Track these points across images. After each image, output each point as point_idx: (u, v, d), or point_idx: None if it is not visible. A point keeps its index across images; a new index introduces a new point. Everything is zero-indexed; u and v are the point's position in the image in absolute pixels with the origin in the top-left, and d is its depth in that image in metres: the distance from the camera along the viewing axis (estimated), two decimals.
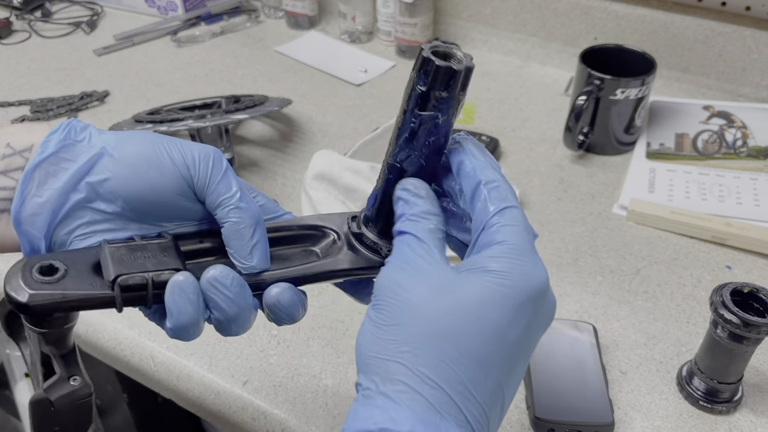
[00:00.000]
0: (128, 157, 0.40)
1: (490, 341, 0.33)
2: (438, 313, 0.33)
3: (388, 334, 0.33)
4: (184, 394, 0.63)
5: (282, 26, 1.26)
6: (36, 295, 0.35)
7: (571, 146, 0.88)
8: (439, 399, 0.32)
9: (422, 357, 0.32)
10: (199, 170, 0.40)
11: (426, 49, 0.36)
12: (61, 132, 0.40)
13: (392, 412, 0.31)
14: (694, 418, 0.59)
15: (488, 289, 0.33)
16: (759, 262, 0.74)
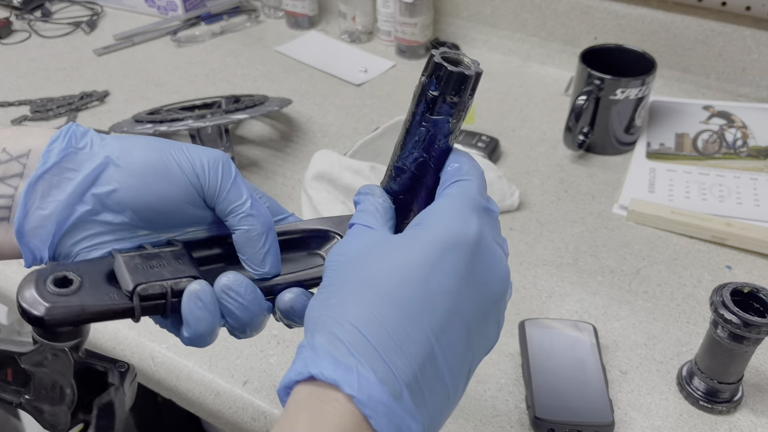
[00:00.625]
0: (135, 167, 0.39)
1: (412, 285, 0.33)
2: (365, 265, 0.34)
3: (325, 294, 0.34)
4: (184, 394, 0.63)
5: (282, 26, 1.26)
6: (53, 309, 0.34)
7: (571, 146, 0.88)
8: (355, 341, 0.32)
9: (347, 307, 0.33)
10: (209, 178, 0.40)
11: (437, 54, 0.37)
12: (62, 140, 0.39)
13: (311, 360, 0.32)
14: (694, 418, 0.59)
15: (412, 237, 0.35)
16: (759, 262, 0.74)
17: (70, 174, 0.38)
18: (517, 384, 0.61)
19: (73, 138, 0.39)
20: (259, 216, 0.40)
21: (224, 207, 0.40)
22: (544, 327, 0.64)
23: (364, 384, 0.31)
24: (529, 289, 0.71)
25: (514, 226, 0.79)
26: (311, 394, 0.31)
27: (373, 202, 0.39)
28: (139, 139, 0.41)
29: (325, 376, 0.31)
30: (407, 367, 0.32)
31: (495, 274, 0.36)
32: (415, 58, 1.14)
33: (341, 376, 0.31)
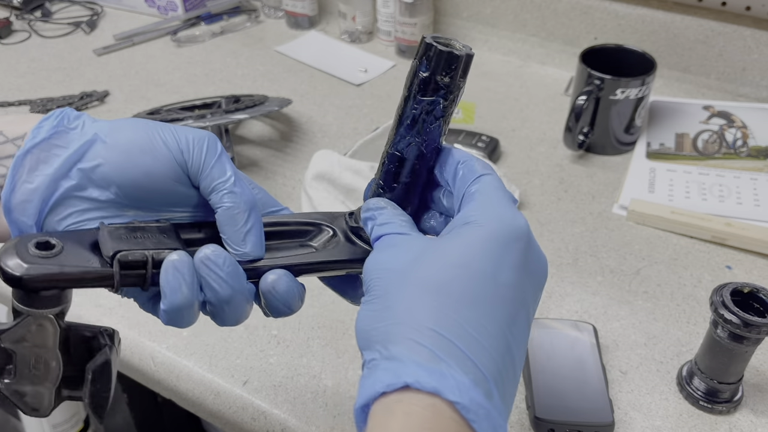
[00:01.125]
0: (121, 143, 0.39)
1: (481, 282, 0.33)
2: (424, 271, 0.34)
3: (381, 305, 0.34)
4: (184, 394, 0.63)
5: (282, 26, 1.26)
6: (32, 269, 0.34)
7: (571, 146, 0.88)
8: (440, 345, 0.31)
9: (418, 313, 0.33)
10: (193, 154, 0.40)
11: (428, 36, 0.37)
12: (53, 119, 0.39)
13: (396, 369, 0.31)
14: (694, 418, 0.59)
15: (468, 236, 0.35)
16: (759, 262, 0.74)
17: (59, 150, 0.39)
18: None
19: (65, 119, 0.39)
20: (241, 194, 0.40)
21: (207, 184, 0.40)
22: (544, 327, 0.64)
23: (463, 389, 0.30)
24: None
25: None
26: (406, 403, 0.30)
27: (393, 213, 0.39)
28: (129, 119, 0.41)
29: (423, 384, 0.30)
30: (492, 364, 0.32)
31: (541, 261, 0.37)
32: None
33: (440, 383, 0.30)
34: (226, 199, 0.40)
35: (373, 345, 0.33)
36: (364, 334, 0.34)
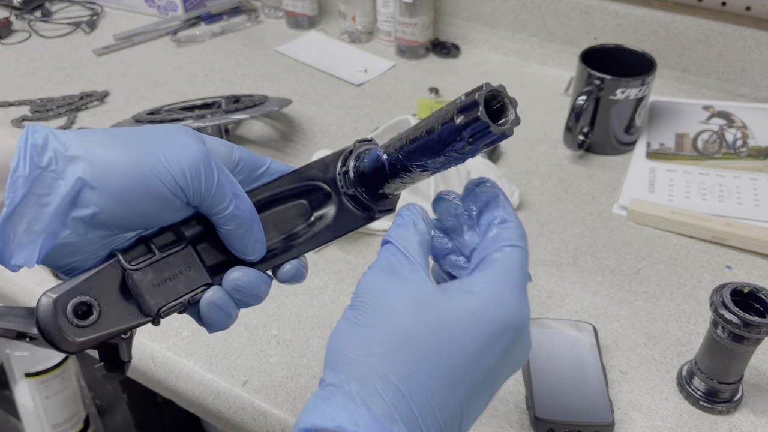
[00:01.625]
0: (114, 190, 0.36)
1: (462, 361, 0.33)
2: (416, 324, 0.34)
3: (364, 335, 0.34)
4: (184, 394, 0.63)
5: (282, 26, 1.26)
6: (84, 343, 0.36)
7: (571, 146, 0.88)
8: (400, 407, 0.32)
9: (393, 364, 0.33)
10: (192, 187, 0.39)
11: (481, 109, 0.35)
12: (24, 164, 0.35)
13: (352, 412, 0.31)
14: (694, 418, 0.59)
15: (469, 310, 0.34)
16: (759, 262, 0.74)
17: (44, 199, 0.35)
18: (517, 384, 0.61)
19: (34, 156, 0.35)
20: (242, 214, 0.40)
21: (208, 209, 0.40)
22: (544, 327, 0.64)
23: None
24: (529, 289, 0.71)
25: None
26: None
27: (416, 224, 0.39)
28: (108, 148, 0.37)
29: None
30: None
31: (525, 350, 0.37)
32: (415, 58, 1.14)
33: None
34: (229, 223, 0.40)
35: (338, 371, 0.33)
36: (335, 354, 0.34)
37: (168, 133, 0.39)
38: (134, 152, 0.37)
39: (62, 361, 1.04)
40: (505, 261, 0.36)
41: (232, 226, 0.40)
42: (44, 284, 0.72)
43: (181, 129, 0.40)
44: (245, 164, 0.43)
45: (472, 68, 1.12)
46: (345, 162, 0.44)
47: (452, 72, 1.11)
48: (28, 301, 0.72)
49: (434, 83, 1.08)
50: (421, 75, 1.10)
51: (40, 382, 1.04)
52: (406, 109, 1.01)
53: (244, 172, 0.43)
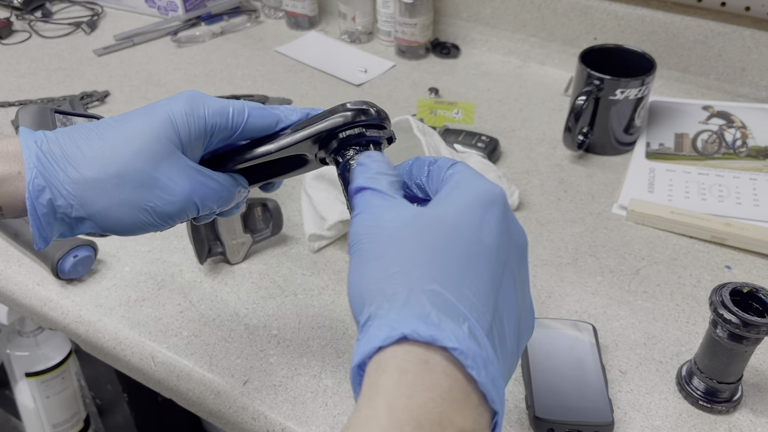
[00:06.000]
0: (117, 233, 0.45)
1: (468, 243, 0.35)
2: (417, 235, 0.35)
3: (375, 266, 0.35)
4: (185, 393, 0.63)
5: (282, 26, 1.26)
6: None
7: (571, 146, 0.89)
8: (435, 300, 0.32)
9: (412, 271, 0.33)
10: (182, 221, 0.46)
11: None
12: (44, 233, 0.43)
13: (392, 323, 0.32)
14: (693, 417, 0.59)
15: (453, 203, 0.37)
16: (758, 262, 0.74)
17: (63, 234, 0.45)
18: (516, 384, 0.61)
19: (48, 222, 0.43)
20: (229, 205, 0.48)
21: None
22: (544, 327, 0.64)
23: (460, 337, 0.31)
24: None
25: None
26: (401, 359, 0.31)
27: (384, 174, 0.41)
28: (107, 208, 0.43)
29: (420, 333, 0.31)
30: (484, 320, 0.33)
31: (519, 229, 0.39)
32: (415, 58, 1.14)
33: (437, 332, 0.31)
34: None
35: (367, 305, 0.34)
36: (358, 294, 0.35)
37: (155, 178, 0.43)
38: (130, 212, 0.43)
39: (62, 361, 1.04)
40: (458, 171, 0.39)
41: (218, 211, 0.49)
42: (44, 284, 0.72)
43: (167, 157, 0.43)
44: (219, 133, 0.46)
45: (472, 68, 1.12)
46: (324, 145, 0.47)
47: (452, 72, 1.11)
48: (27, 300, 0.72)
49: (434, 83, 1.08)
50: (420, 75, 1.10)
51: (41, 381, 1.04)
52: (406, 110, 1.01)
53: (217, 139, 0.47)
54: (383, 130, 0.46)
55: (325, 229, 0.74)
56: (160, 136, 0.43)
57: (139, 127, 0.43)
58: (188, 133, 0.44)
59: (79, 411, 1.12)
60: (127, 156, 0.42)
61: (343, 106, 0.45)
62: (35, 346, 1.03)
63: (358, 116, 0.45)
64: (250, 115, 0.46)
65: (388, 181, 0.40)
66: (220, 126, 0.46)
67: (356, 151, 0.45)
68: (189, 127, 0.44)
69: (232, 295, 0.70)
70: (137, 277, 0.72)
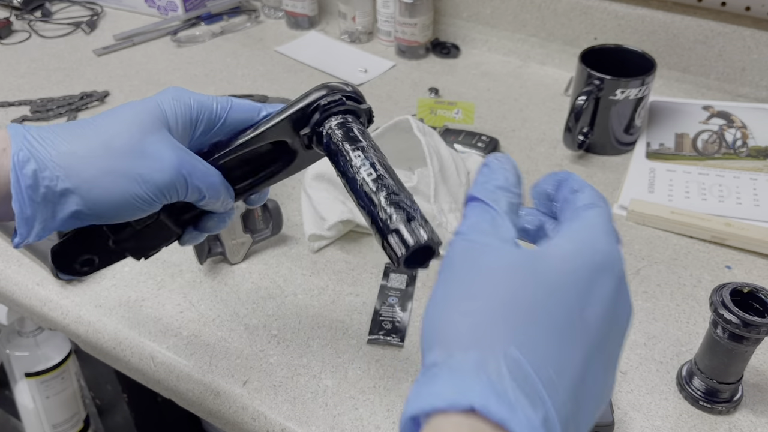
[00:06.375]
0: (104, 213, 0.43)
1: (568, 314, 0.30)
2: (517, 284, 0.31)
3: (461, 305, 0.31)
4: (184, 394, 0.63)
5: (282, 26, 1.26)
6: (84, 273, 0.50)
7: (571, 146, 0.88)
8: (515, 372, 0.28)
9: (499, 327, 0.30)
10: (169, 197, 0.44)
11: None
12: (26, 207, 0.40)
13: (462, 385, 0.28)
14: (693, 418, 0.59)
15: (568, 255, 0.32)
16: (759, 262, 0.74)
17: (48, 223, 0.42)
18: None
19: (32, 195, 0.40)
20: (213, 194, 0.46)
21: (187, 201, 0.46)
22: None
23: (534, 425, 0.27)
24: None
25: None
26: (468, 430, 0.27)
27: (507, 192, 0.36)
28: (92, 177, 0.41)
29: (491, 412, 0.27)
30: (563, 410, 0.29)
31: (627, 308, 0.34)
32: (415, 58, 1.14)
33: (510, 415, 0.27)
34: (203, 203, 0.47)
35: (438, 346, 0.30)
36: (433, 326, 0.31)
37: (142, 149, 0.42)
38: (117, 181, 0.42)
39: (62, 361, 1.04)
40: (589, 218, 0.34)
41: (206, 203, 0.47)
42: (44, 284, 0.72)
43: (153, 133, 0.43)
44: (204, 120, 0.46)
45: (472, 68, 1.12)
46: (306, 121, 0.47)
47: (452, 72, 1.11)
48: (27, 301, 0.72)
49: (434, 83, 1.08)
50: (420, 75, 1.10)
51: (40, 382, 1.04)
52: (406, 109, 1.01)
53: (202, 125, 0.46)
54: (360, 104, 0.47)
55: (325, 229, 0.74)
56: (149, 114, 0.43)
57: (127, 109, 0.44)
58: (175, 117, 0.44)
59: (78, 411, 1.12)
60: (114, 128, 0.42)
61: (316, 86, 0.46)
62: (35, 347, 1.03)
63: (333, 89, 0.46)
64: (232, 105, 0.47)
65: (509, 201, 0.35)
66: (206, 112, 0.46)
67: (337, 120, 0.45)
68: (176, 111, 0.44)
69: (231, 295, 0.70)
70: (137, 277, 0.72)
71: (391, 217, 0.40)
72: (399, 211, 0.40)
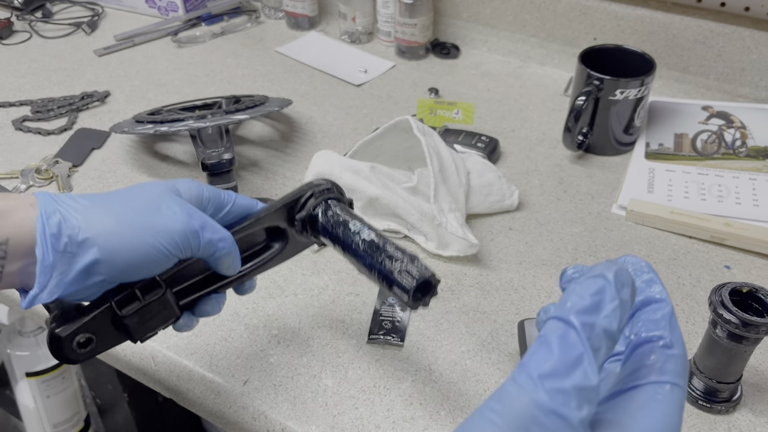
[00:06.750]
0: (120, 266, 0.44)
1: None
2: None
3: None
4: (185, 393, 0.64)
5: (282, 27, 1.26)
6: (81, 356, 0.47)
7: (571, 146, 0.89)
8: None
9: None
10: (183, 251, 0.46)
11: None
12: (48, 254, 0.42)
13: None
14: (693, 417, 0.59)
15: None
16: (758, 261, 0.74)
17: (65, 276, 0.43)
18: None
19: (54, 244, 0.42)
20: (226, 251, 0.49)
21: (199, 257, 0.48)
22: None
23: None
24: (528, 288, 0.71)
25: (514, 226, 0.79)
26: None
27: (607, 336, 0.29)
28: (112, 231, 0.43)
29: None
30: None
31: None
32: (415, 58, 1.14)
33: None
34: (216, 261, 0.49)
35: None
36: None
37: (158, 206, 0.46)
38: (134, 233, 0.44)
39: None
40: (665, 404, 0.30)
41: (218, 260, 0.49)
42: None
43: (167, 196, 0.47)
44: (213, 202, 0.51)
45: (472, 69, 1.12)
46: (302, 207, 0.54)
47: (452, 72, 1.11)
48: None
49: (434, 84, 1.08)
50: (420, 75, 1.10)
51: (41, 381, 1.05)
52: (406, 110, 1.01)
53: (212, 207, 0.50)
54: (343, 196, 0.55)
55: None
56: (164, 186, 0.48)
57: (145, 184, 0.48)
58: (189, 192, 0.49)
59: (79, 411, 1.12)
60: (133, 192, 0.47)
61: (305, 184, 0.54)
62: (36, 346, 1.03)
63: (322, 182, 0.54)
64: (237, 196, 0.52)
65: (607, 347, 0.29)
66: (215, 196, 0.51)
67: (331, 202, 0.53)
68: (189, 189, 0.49)
69: (232, 295, 0.70)
70: None
71: (398, 260, 0.47)
72: (403, 254, 0.47)
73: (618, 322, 0.29)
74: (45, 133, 0.97)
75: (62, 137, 0.96)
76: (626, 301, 0.30)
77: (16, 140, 0.96)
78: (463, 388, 0.61)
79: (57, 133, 0.97)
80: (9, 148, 0.94)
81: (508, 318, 0.68)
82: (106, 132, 0.97)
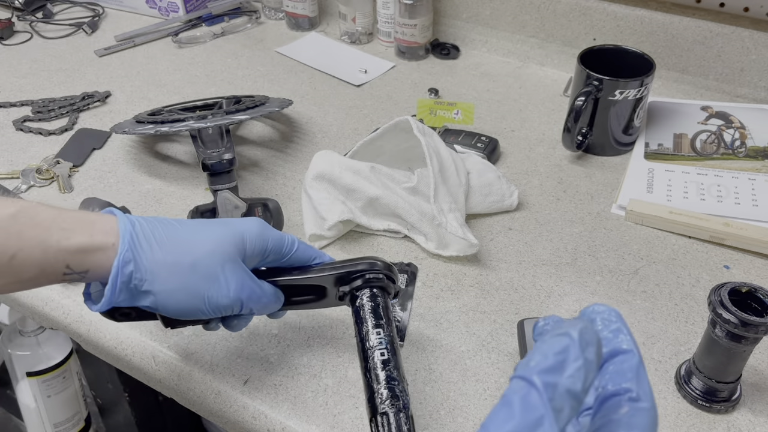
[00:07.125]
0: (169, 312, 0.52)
1: None
2: None
3: None
4: (185, 393, 0.64)
5: (282, 27, 1.27)
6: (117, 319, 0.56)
7: (570, 147, 0.89)
8: None
9: None
10: (225, 315, 0.54)
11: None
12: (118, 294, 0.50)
13: None
14: (692, 417, 0.59)
15: None
16: (757, 261, 0.75)
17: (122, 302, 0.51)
18: None
19: (122, 288, 0.50)
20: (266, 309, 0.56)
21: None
22: None
23: None
24: (528, 288, 0.71)
25: (513, 226, 0.80)
26: None
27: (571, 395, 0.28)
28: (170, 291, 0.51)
29: None
30: None
31: None
32: (415, 59, 1.15)
33: None
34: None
35: None
36: None
37: (216, 277, 0.52)
38: (188, 299, 0.52)
39: (63, 361, 1.05)
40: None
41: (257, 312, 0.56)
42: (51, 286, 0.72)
43: (228, 265, 0.52)
44: (275, 252, 0.55)
45: (472, 69, 1.12)
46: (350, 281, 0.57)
47: (452, 73, 1.11)
48: (28, 300, 0.72)
49: (434, 84, 1.08)
50: (420, 76, 1.11)
51: (42, 381, 1.05)
52: (406, 110, 1.01)
53: (272, 256, 0.56)
54: (395, 283, 0.57)
55: (326, 229, 0.74)
56: (232, 244, 0.52)
57: (217, 232, 0.53)
58: (253, 249, 0.54)
59: (80, 410, 1.12)
60: (202, 252, 0.51)
61: (365, 258, 0.56)
62: (36, 346, 1.03)
63: (379, 268, 0.56)
64: (298, 247, 0.57)
65: (571, 407, 0.28)
66: (276, 250, 0.55)
67: (370, 292, 0.55)
68: (254, 245, 0.54)
69: None
70: None
71: (386, 401, 0.48)
72: (394, 399, 0.49)
73: (582, 382, 0.28)
74: (46, 133, 0.97)
75: (63, 137, 0.97)
76: (591, 360, 0.29)
77: (17, 140, 0.96)
78: (463, 387, 0.61)
79: (58, 133, 0.97)
80: (10, 149, 0.95)
81: (508, 318, 0.68)
82: (107, 132, 0.97)
